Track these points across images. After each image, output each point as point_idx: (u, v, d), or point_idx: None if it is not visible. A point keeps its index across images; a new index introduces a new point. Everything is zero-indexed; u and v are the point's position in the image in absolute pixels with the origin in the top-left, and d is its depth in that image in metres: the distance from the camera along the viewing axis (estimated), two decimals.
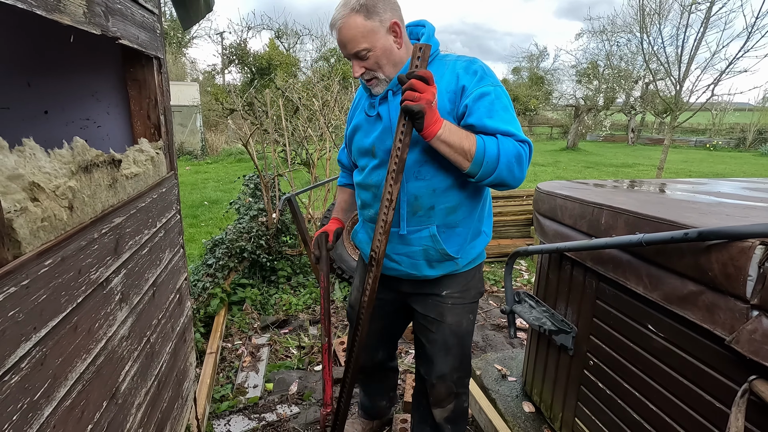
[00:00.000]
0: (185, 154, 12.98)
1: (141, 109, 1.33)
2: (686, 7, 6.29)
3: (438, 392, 1.49)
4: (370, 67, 1.22)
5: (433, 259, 1.34)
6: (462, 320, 1.44)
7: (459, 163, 1.15)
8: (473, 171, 1.15)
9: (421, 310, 1.46)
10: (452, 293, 1.42)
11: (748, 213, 1.22)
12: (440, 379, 1.47)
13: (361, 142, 1.36)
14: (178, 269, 1.52)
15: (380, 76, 1.24)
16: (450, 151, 1.13)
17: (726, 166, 13.21)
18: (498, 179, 1.16)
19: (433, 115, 1.09)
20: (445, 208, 1.29)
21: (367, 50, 1.19)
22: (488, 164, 1.13)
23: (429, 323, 1.45)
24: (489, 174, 1.15)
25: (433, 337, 1.45)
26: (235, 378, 2.38)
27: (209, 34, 22.05)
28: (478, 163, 1.13)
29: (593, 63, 18.87)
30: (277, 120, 4.73)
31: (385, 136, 1.28)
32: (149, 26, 1.23)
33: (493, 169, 1.14)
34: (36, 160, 0.73)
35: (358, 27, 1.17)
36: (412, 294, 1.47)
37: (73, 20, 0.78)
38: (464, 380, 1.52)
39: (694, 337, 1.09)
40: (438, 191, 1.27)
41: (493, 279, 3.87)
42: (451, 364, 1.46)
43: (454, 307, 1.43)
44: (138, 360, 1.10)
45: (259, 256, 3.38)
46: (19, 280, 0.63)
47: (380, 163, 1.31)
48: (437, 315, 1.43)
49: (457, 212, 1.31)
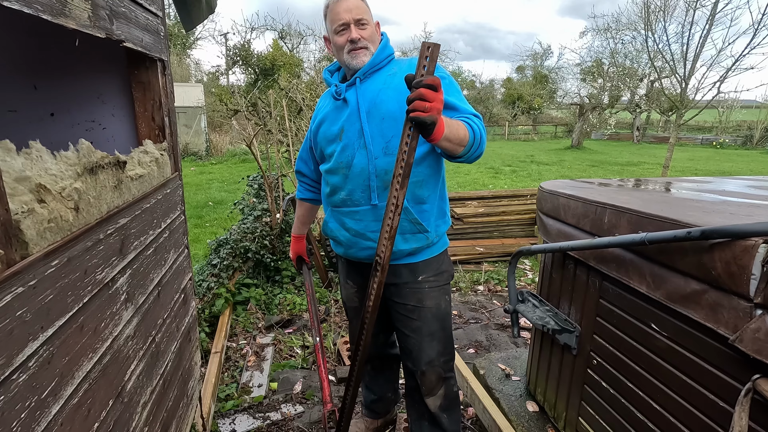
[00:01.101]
0: (190, 155, 13.05)
1: (145, 111, 1.34)
2: (691, 4, 6.24)
3: (429, 380, 1.53)
4: (366, 37, 1.36)
5: (407, 231, 1.41)
6: (440, 302, 1.52)
7: (454, 150, 1.23)
8: (463, 153, 1.25)
9: (400, 300, 1.51)
10: (427, 278, 1.49)
11: (752, 211, 1.22)
12: (429, 365, 1.52)
13: (329, 131, 1.44)
14: (182, 269, 1.53)
15: (370, 48, 1.37)
16: (450, 146, 1.20)
17: (733, 164, 13.10)
18: (478, 154, 1.29)
19: (441, 121, 1.11)
20: (413, 182, 1.37)
21: (366, 22, 1.36)
22: (475, 146, 1.26)
23: (410, 312, 1.50)
24: (474, 152, 1.27)
25: (417, 325, 1.50)
26: (239, 377, 2.40)
27: (213, 35, 22.21)
28: (469, 145, 1.24)
29: (598, 61, 18.78)
30: (280, 120, 4.75)
31: (353, 118, 1.38)
32: (153, 29, 1.25)
33: (478, 147, 1.27)
34: (42, 162, 0.74)
35: (362, 2, 1.36)
36: (388, 285, 1.51)
37: (78, 24, 0.79)
38: (450, 363, 1.57)
39: (697, 336, 1.08)
40: None
41: (497, 278, 3.86)
42: (437, 348, 1.51)
43: (431, 290, 1.49)
44: (143, 359, 1.12)
45: (263, 256, 3.40)
46: (26, 280, 0.64)
47: (347, 145, 1.39)
48: (417, 301, 1.49)
49: (423, 187, 1.40)
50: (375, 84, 1.39)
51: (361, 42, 1.35)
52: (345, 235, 1.47)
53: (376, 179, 1.37)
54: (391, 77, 1.38)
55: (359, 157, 1.37)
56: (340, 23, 1.34)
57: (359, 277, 1.60)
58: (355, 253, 1.50)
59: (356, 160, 1.37)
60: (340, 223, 1.48)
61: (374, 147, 1.35)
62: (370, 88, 1.38)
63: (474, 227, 4.64)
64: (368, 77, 1.40)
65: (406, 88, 1.30)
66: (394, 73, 1.39)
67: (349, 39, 1.34)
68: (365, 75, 1.39)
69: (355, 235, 1.45)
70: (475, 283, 3.79)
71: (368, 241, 1.43)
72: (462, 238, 4.63)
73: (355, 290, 1.65)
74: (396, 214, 1.21)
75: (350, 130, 1.38)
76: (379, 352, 1.80)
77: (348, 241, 1.47)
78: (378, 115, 1.35)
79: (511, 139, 23.63)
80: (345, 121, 1.39)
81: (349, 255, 1.52)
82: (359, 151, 1.37)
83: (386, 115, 1.34)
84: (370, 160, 1.36)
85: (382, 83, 1.38)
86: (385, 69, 1.41)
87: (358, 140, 1.37)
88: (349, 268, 1.62)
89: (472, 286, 3.73)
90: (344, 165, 1.40)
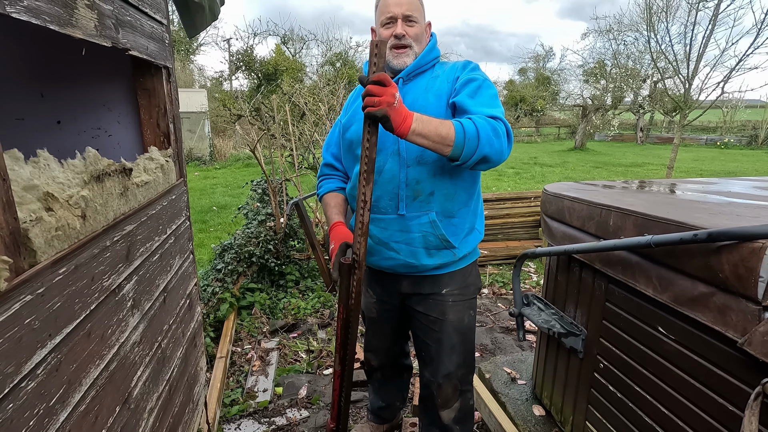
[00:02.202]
0: (194, 160, 13.12)
1: (151, 118, 1.35)
2: (694, 4, 6.22)
3: (445, 392, 1.50)
4: (412, 35, 1.30)
5: (432, 246, 1.36)
6: (464, 317, 1.47)
7: (440, 150, 1.15)
8: (456, 154, 1.15)
9: (422, 310, 1.48)
10: (452, 291, 1.45)
11: (759, 213, 1.21)
12: (446, 377, 1.48)
13: (359, 131, 1.34)
14: (188, 275, 1.54)
15: (414, 48, 1.32)
16: (428, 143, 1.13)
17: (738, 164, 13.02)
18: (481, 155, 1.15)
19: (399, 114, 1.08)
20: (444, 194, 1.33)
21: (416, 20, 1.30)
22: (470, 142, 1.13)
23: (432, 323, 1.47)
24: (472, 152, 1.14)
25: (438, 336, 1.47)
26: (245, 382, 2.40)
27: (216, 41, 22.36)
28: (459, 145, 1.13)
29: (600, 62, 18.75)
30: (284, 125, 4.77)
31: None
32: (158, 36, 1.26)
33: (475, 146, 1.14)
34: (50, 171, 0.75)
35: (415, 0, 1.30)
36: (411, 295, 1.49)
37: (84, 34, 0.80)
38: (468, 377, 1.54)
39: (705, 339, 1.07)
40: (438, 176, 1.31)
41: (502, 281, 3.85)
42: (456, 361, 1.48)
43: (455, 304, 1.45)
44: (150, 365, 1.12)
45: (267, 260, 3.40)
46: (34, 288, 0.64)
47: (380, 149, 1.33)
48: (439, 314, 1.45)
49: (455, 200, 1.35)
50: (417, 87, 1.33)
51: (406, 39, 1.29)
52: (368, 241, 1.39)
53: (406, 188, 1.31)
54: (434, 80, 1.33)
55: (391, 163, 1.31)
56: (387, 15, 1.28)
57: (379, 287, 1.56)
58: (377, 261, 1.45)
59: (388, 166, 1.32)
60: None
61: (408, 155, 1.29)
62: (412, 91, 1.33)
63: None
64: (411, 79, 1.35)
65: (445, 92, 1.30)
66: (437, 76, 1.33)
67: (394, 34, 1.29)
68: (408, 76, 1.33)
69: (378, 243, 1.40)
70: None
71: (391, 251, 1.38)
72: None
73: (374, 300, 1.60)
74: (366, 210, 1.18)
75: (385, 134, 1.29)
76: (392, 362, 1.78)
77: (371, 248, 1.42)
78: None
79: (514, 141, 23.55)
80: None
81: (371, 262, 1.47)
82: (392, 158, 1.31)
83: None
84: (401, 167, 1.30)
85: (425, 87, 1.33)
86: (429, 72, 1.36)
87: (392, 146, 1.31)
88: (371, 276, 1.57)
89: None
90: (375, 170, 1.33)
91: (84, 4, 0.81)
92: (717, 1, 6.01)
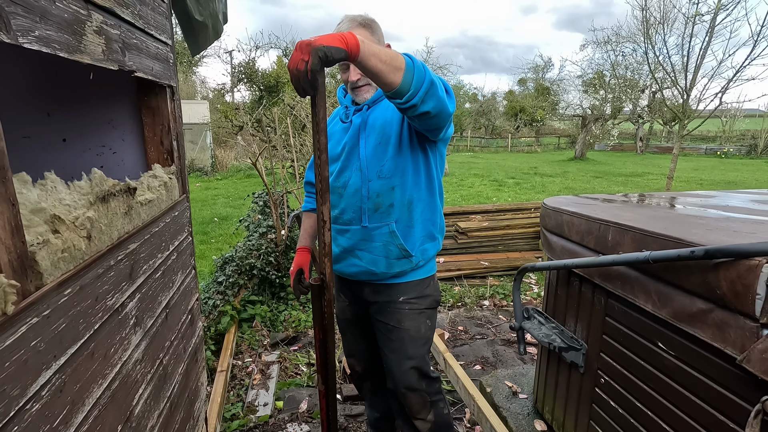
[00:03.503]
0: (195, 171, 13.19)
1: (155, 136, 1.37)
2: (690, 18, 6.30)
3: (410, 403, 1.52)
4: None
5: (392, 256, 1.44)
6: (420, 325, 1.51)
7: (391, 75, 1.08)
8: (407, 80, 1.09)
9: (381, 319, 1.54)
10: (408, 299, 1.50)
11: (756, 228, 1.22)
12: (409, 390, 1.51)
13: (333, 150, 1.49)
14: (189, 290, 1.54)
15: (372, 83, 1.40)
16: (380, 64, 1.06)
17: (738, 174, 13.04)
18: (429, 87, 1.12)
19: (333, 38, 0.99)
20: (402, 206, 1.41)
21: None
22: (419, 71, 1.10)
23: (389, 331, 1.51)
24: (421, 82, 1.10)
25: (394, 346, 1.51)
26: (245, 396, 2.39)
27: (218, 53, 22.59)
28: (410, 69, 1.09)
29: (599, 73, 18.89)
30: (285, 137, 4.81)
31: (353, 140, 1.44)
32: (163, 57, 1.28)
33: (423, 75, 1.10)
34: (57, 193, 0.77)
35: (364, 37, 1.28)
36: (372, 303, 1.55)
37: (92, 59, 0.82)
38: (434, 386, 1.55)
39: (705, 356, 1.08)
40: (397, 189, 1.40)
41: (503, 292, 3.84)
42: (416, 373, 1.50)
43: (411, 312, 1.50)
44: (151, 383, 1.12)
45: (268, 272, 3.41)
46: (40, 310, 0.65)
47: (346, 165, 1.45)
48: (396, 322, 1.50)
49: (413, 211, 1.43)
50: (381, 110, 1.43)
51: (360, 81, 1.40)
52: (335, 250, 1.51)
53: (368, 201, 1.41)
54: None
55: (354, 178, 1.43)
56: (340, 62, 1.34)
57: (348, 290, 1.65)
58: (342, 268, 1.54)
59: (352, 180, 1.43)
60: (332, 237, 1.53)
61: (369, 170, 1.40)
62: (376, 113, 1.43)
63: (478, 241, 4.64)
64: (376, 104, 1.45)
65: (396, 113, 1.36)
66: None
67: (348, 80, 1.41)
68: (374, 102, 1.44)
69: (343, 251, 1.50)
70: (481, 297, 3.77)
71: (355, 258, 1.48)
72: (466, 252, 4.62)
73: (347, 303, 1.68)
74: (326, 230, 1.16)
75: (350, 151, 1.44)
76: (376, 367, 1.78)
77: (338, 256, 1.53)
78: (376, 139, 1.41)
79: (514, 151, 23.68)
80: (347, 142, 1.45)
81: (338, 269, 1.57)
82: (355, 173, 1.43)
83: (382, 140, 1.40)
84: (364, 182, 1.41)
85: (391, 110, 1.41)
86: None
87: (355, 162, 1.43)
88: (341, 282, 1.66)
89: (477, 301, 3.71)
90: (341, 184, 1.45)
91: (92, 30, 0.83)
92: (713, 13, 6.08)
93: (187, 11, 1.62)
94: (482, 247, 4.65)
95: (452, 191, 9.44)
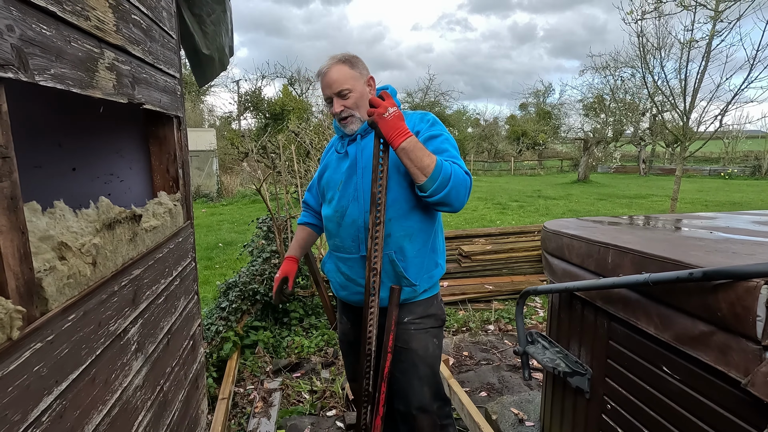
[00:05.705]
0: (201, 197, 13.34)
1: (161, 164, 1.42)
2: (685, 44, 6.44)
3: (421, 426, 1.50)
4: (350, 106, 1.43)
5: (393, 283, 1.46)
6: (428, 345, 1.52)
7: (416, 175, 1.29)
8: (426, 186, 1.28)
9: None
10: (413, 319, 1.51)
11: (754, 250, 1.22)
12: (420, 410, 1.50)
13: (332, 178, 1.54)
14: (192, 316, 1.55)
15: (356, 115, 1.45)
16: (410, 164, 1.28)
17: (743, 195, 12.99)
18: (446, 198, 1.29)
19: (389, 126, 1.28)
20: (401, 236, 1.43)
21: (348, 90, 1.42)
22: (442, 181, 1.27)
23: (398, 353, 1.51)
24: (439, 191, 1.28)
25: (404, 367, 1.51)
26: (246, 425, 2.35)
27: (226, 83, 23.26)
28: (433, 179, 1.27)
29: (599, 97, 19.16)
30: (289, 163, 4.89)
31: (351, 171, 1.47)
32: (171, 89, 1.34)
33: (443, 186, 1.28)
34: (65, 221, 0.79)
35: (344, 71, 1.42)
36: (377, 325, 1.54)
37: (104, 93, 0.87)
38: (445, 409, 1.55)
39: (709, 380, 1.06)
40: (393, 220, 1.43)
41: (507, 317, 3.80)
42: (428, 393, 1.50)
43: (417, 332, 1.51)
44: (151, 409, 1.12)
45: (271, 298, 3.40)
46: (45, 335, 0.67)
47: (343, 195, 1.48)
48: (403, 343, 1.50)
49: (413, 241, 1.45)
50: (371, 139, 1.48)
51: (345, 112, 1.45)
52: (339, 277, 1.55)
53: (365, 231, 1.43)
54: None
55: (352, 208, 1.46)
56: (325, 97, 1.47)
57: (352, 314, 1.65)
58: (347, 296, 1.57)
59: (349, 210, 1.46)
60: (335, 265, 1.56)
61: (366, 201, 1.43)
62: (369, 143, 1.47)
63: (482, 265, 4.62)
64: (368, 133, 1.49)
65: None
66: None
67: (333, 113, 1.47)
68: (365, 132, 1.49)
69: (347, 279, 1.53)
70: (485, 322, 3.72)
71: (358, 286, 1.50)
72: (470, 276, 4.59)
73: (349, 326, 1.68)
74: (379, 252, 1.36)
75: (347, 181, 1.48)
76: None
77: (341, 283, 1.56)
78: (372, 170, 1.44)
79: (517, 174, 23.81)
80: (344, 172, 1.49)
81: (342, 297, 1.60)
82: (352, 203, 1.46)
83: None
84: (360, 212, 1.44)
85: None
86: None
87: (353, 192, 1.46)
88: (344, 306, 1.68)
89: (482, 325, 3.67)
90: (339, 214, 1.49)
91: (104, 66, 0.88)
92: (708, 39, 6.21)
93: (195, 46, 1.69)
94: (486, 270, 4.63)
95: (455, 215, 9.45)
